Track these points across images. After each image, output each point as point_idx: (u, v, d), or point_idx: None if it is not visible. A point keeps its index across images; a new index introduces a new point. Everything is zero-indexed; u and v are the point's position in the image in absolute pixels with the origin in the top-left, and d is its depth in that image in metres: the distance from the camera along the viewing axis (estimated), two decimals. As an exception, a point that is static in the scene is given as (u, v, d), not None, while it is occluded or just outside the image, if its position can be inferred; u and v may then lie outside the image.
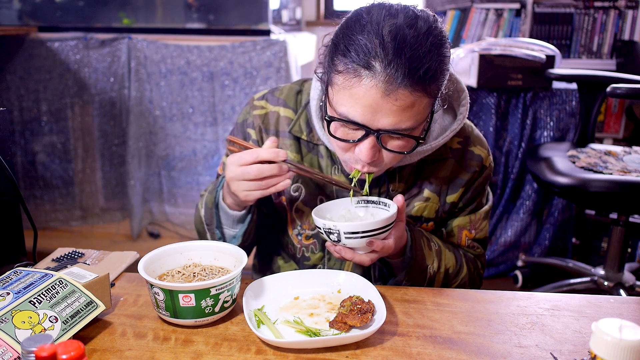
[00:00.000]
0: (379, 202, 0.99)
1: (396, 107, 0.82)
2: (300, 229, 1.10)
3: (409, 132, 0.87)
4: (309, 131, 1.07)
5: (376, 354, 0.77)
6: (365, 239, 0.90)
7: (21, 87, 2.68)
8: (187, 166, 2.72)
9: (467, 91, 1.05)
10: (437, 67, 0.83)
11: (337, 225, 0.89)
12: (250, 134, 1.11)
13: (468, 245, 1.12)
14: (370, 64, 0.81)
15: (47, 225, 2.87)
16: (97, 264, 1.02)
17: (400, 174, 1.06)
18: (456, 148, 1.07)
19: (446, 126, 1.04)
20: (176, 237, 2.82)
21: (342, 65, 0.84)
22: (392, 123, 0.84)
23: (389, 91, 0.81)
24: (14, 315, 0.72)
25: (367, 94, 0.82)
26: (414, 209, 1.07)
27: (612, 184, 1.74)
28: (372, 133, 0.86)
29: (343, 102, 0.85)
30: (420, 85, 0.82)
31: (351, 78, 0.83)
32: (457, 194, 1.08)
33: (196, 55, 2.53)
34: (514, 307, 0.91)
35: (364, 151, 0.88)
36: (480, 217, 1.12)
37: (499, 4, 2.79)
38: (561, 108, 2.42)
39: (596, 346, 0.61)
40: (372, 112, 0.83)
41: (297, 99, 1.10)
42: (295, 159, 1.07)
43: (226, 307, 0.84)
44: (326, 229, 0.91)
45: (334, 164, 1.07)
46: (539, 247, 2.53)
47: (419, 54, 0.80)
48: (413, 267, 1.01)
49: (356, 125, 0.86)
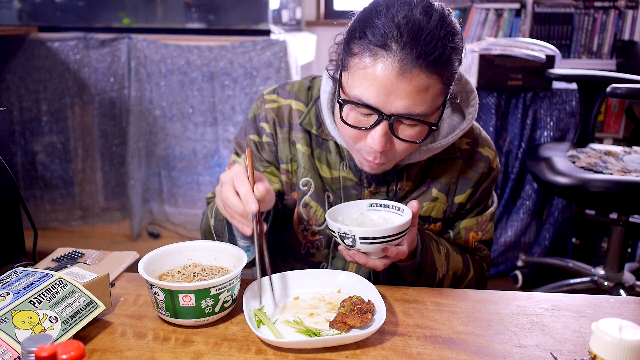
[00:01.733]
0: (392, 207, 0.98)
1: (410, 88, 0.84)
2: (307, 225, 1.10)
3: (422, 118, 0.87)
4: (319, 126, 1.07)
5: (376, 354, 0.77)
6: (380, 245, 0.89)
7: (21, 87, 2.68)
8: (187, 166, 2.72)
9: (476, 92, 1.06)
10: (451, 54, 0.85)
11: (353, 230, 0.87)
12: (264, 128, 1.10)
13: (475, 247, 1.12)
14: (387, 44, 0.83)
15: (47, 225, 2.87)
16: (97, 264, 1.02)
17: (408, 173, 1.06)
18: (464, 149, 1.07)
19: (455, 126, 1.05)
20: (176, 237, 2.82)
21: (358, 47, 0.86)
22: (406, 106, 0.85)
23: (404, 71, 0.82)
24: (14, 315, 0.72)
25: (382, 74, 0.83)
26: (423, 209, 1.07)
27: (612, 184, 1.73)
28: (385, 118, 0.87)
29: (357, 84, 0.87)
30: (435, 69, 0.83)
31: (367, 58, 0.85)
32: (465, 195, 1.08)
33: (196, 55, 2.53)
34: (514, 307, 0.91)
35: (376, 138, 0.89)
36: (487, 219, 1.12)
37: (499, 4, 2.79)
38: (561, 108, 2.42)
39: (596, 346, 0.61)
40: (386, 94, 0.85)
41: (307, 93, 1.11)
42: (306, 152, 1.07)
43: (226, 307, 0.84)
44: (341, 233, 0.89)
45: (342, 160, 1.07)
46: (539, 247, 2.53)
47: (434, 39, 0.83)
48: (423, 270, 1.01)
49: (369, 109, 0.87)
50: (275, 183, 1.10)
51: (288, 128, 1.09)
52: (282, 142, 1.09)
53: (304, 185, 1.09)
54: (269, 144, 1.10)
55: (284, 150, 1.09)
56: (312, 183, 1.08)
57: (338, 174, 1.07)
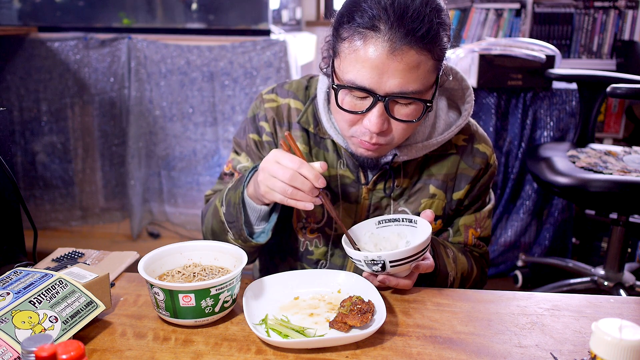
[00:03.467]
0: (402, 220, 0.96)
1: (402, 66, 0.85)
2: (305, 222, 1.10)
3: (417, 96, 0.88)
4: (316, 124, 1.08)
5: (376, 354, 0.77)
6: (411, 264, 0.89)
7: (21, 87, 2.68)
8: (187, 166, 2.72)
9: (472, 89, 1.08)
10: (439, 29, 0.87)
11: (382, 256, 0.85)
12: (263, 127, 1.11)
13: (474, 244, 1.13)
14: (375, 25, 0.84)
15: (47, 225, 2.87)
16: (97, 264, 1.02)
17: (405, 170, 1.06)
18: (461, 145, 1.08)
19: (451, 122, 1.06)
20: (176, 237, 2.82)
21: (347, 31, 0.87)
22: (399, 85, 0.86)
23: (394, 49, 0.84)
24: (14, 315, 0.72)
25: (373, 55, 0.85)
26: (421, 205, 1.07)
27: (612, 184, 1.73)
28: (380, 99, 0.88)
29: (349, 69, 0.88)
30: (424, 44, 0.85)
31: (357, 41, 0.86)
32: (463, 191, 1.08)
33: (196, 55, 2.53)
34: (514, 307, 0.91)
35: (372, 120, 0.89)
36: (485, 216, 1.13)
37: (499, 4, 2.79)
38: (561, 108, 2.42)
39: (596, 346, 0.61)
40: (378, 74, 0.86)
41: (305, 92, 1.11)
42: (304, 150, 1.08)
43: (226, 307, 0.84)
44: (368, 261, 0.87)
45: (340, 159, 1.07)
46: (539, 247, 2.53)
47: (420, 15, 0.84)
48: (437, 277, 1.01)
49: (363, 92, 0.88)
50: None
51: (287, 127, 1.09)
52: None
53: None
54: (269, 142, 1.11)
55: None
56: None
57: (336, 172, 1.07)
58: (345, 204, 1.08)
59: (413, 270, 0.92)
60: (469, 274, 1.08)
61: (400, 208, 1.08)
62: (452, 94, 1.10)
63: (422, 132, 1.03)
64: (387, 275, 0.91)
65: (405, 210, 1.07)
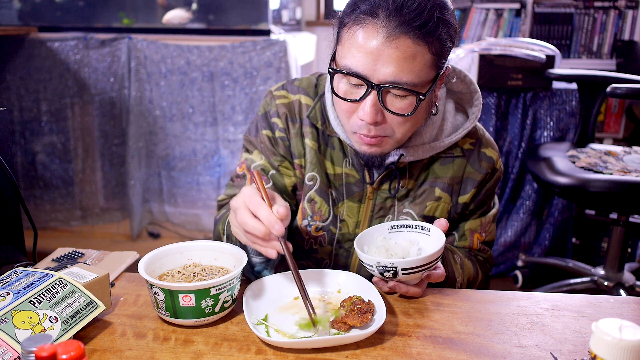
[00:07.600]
0: (416, 226, 0.95)
1: (397, 54, 0.85)
2: (311, 220, 1.09)
3: (410, 87, 0.88)
4: (324, 121, 1.08)
5: (376, 354, 0.77)
6: (423, 273, 0.88)
7: (21, 87, 2.68)
8: (187, 166, 2.72)
9: (480, 93, 1.08)
10: (439, 24, 0.87)
11: (395, 263, 0.85)
12: (276, 123, 1.10)
13: (479, 249, 1.13)
14: (374, 12, 0.86)
15: (47, 225, 2.87)
16: (97, 264, 1.02)
17: (410, 171, 1.06)
18: (468, 149, 1.08)
19: (458, 125, 1.06)
20: (176, 237, 2.82)
21: (349, 18, 0.89)
22: (393, 73, 0.86)
23: (390, 36, 0.85)
24: (14, 315, 0.72)
25: (369, 39, 0.86)
26: (426, 208, 1.07)
27: (612, 184, 1.73)
28: (374, 87, 0.88)
29: (346, 54, 0.89)
30: (421, 36, 0.85)
31: (356, 26, 0.88)
32: (469, 195, 1.08)
33: (196, 55, 2.53)
34: (514, 307, 0.91)
35: (366, 109, 0.90)
36: (490, 220, 1.13)
37: (499, 4, 2.79)
38: (561, 108, 2.42)
39: (596, 346, 0.61)
40: (373, 60, 0.86)
41: (315, 90, 1.12)
42: (313, 147, 1.08)
43: (226, 307, 0.84)
44: (380, 267, 0.86)
45: (345, 157, 1.07)
46: (539, 247, 2.53)
47: (420, 6, 0.85)
48: (446, 284, 1.01)
49: (357, 79, 0.88)
50: (291, 177, 1.10)
51: (299, 123, 1.09)
52: (295, 137, 1.09)
53: (309, 180, 1.08)
54: (282, 138, 1.10)
55: (296, 146, 1.09)
56: (318, 178, 1.08)
57: (341, 171, 1.07)
58: (349, 203, 1.08)
59: (424, 279, 0.92)
60: (475, 279, 1.08)
61: (404, 209, 1.07)
62: (459, 97, 1.10)
63: (429, 134, 1.03)
64: (397, 282, 0.91)
65: (409, 211, 1.07)
